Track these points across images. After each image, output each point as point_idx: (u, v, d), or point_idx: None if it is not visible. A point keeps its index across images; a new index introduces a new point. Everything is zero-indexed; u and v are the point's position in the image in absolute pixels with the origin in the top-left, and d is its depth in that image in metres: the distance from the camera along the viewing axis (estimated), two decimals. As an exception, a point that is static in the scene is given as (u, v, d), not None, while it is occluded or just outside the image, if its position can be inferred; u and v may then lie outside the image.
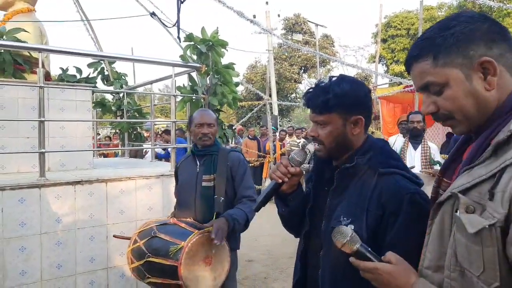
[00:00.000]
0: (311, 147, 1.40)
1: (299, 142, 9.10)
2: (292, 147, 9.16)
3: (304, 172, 1.45)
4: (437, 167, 4.09)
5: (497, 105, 0.90)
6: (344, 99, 1.30)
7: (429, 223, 0.99)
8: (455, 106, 0.93)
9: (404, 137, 4.66)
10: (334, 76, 1.38)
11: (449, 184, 0.96)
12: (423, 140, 4.25)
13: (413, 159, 4.06)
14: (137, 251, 2.23)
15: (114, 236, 2.79)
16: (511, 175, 0.78)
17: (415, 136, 4.27)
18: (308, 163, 1.44)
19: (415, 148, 4.22)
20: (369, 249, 1.09)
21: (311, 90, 1.39)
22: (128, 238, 2.42)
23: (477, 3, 7.08)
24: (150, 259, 2.13)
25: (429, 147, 4.21)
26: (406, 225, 1.18)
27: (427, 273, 0.97)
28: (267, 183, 7.24)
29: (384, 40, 24.45)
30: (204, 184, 2.47)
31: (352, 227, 1.20)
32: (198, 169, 2.53)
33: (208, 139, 2.52)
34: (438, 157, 4.23)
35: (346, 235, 1.08)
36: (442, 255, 0.92)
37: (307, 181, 1.57)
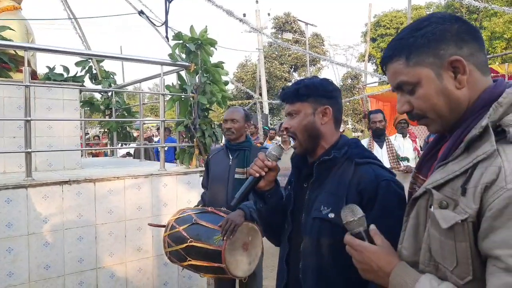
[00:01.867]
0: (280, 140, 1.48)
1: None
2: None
3: (279, 168, 1.51)
4: (405, 163, 4.27)
5: (469, 104, 0.92)
6: (313, 89, 1.43)
7: (404, 220, 1.00)
8: (427, 105, 0.94)
9: (404, 137, 4.77)
10: (308, 77, 1.54)
11: (424, 181, 0.98)
12: (386, 138, 4.41)
13: (381, 157, 4.13)
14: (177, 236, 2.44)
15: (149, 224, 2.99)
16: (483, 171, 0.80)
17: (378, 135, 4.40)
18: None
19: (380, 147, 4.36)
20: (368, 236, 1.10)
21: (286, 86, 1.53)
22: (163, 226, 2.64)
23: (464, 3, 7.16)
24: (193, 243, 2.34)
25: (393, 144, 4.38)
26: (383, 210, 1.23)
27: None
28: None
29: (373, 39, 24.64)
30: (236, 176, 2.64)
31: (332, 215, 1.28)
32: (230, 162, 2.71)
33: (230, 133, 2.73)
34: (401, 153, 4.39)
35: (355, 215, 1.09)
36: (417, 250, 0.94)
37: (286, 185, 1.62)
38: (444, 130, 0.99)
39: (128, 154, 9.03)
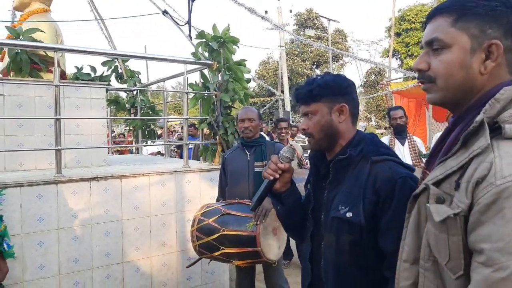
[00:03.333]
0: (295, 144, 1.49)
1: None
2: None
3: (293, 169, 1.53)
4: None
5: (481, 93, 0.91)
6: (327, 88, 1.42)
7: (406, 217, 1.01)
8: (445, 71, 0.92)
9: None
10: (320, 74, 1.51)
11: None
12: (408, 135, 4.29)
13: (403, 155, 4.04)
14: (207, 228, 2.57)
15: (187, 267, 3.12)
16: (476, 166, 0.80)
17: (400, 132, 4.27)
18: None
19: (402, 144, 4.24)
20: None
21: (299, 87, 1.51)
22: (199, 260, 2.85)
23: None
24: (225, 232, 2.47)
25: (415, 141, 4.25)
26: (399, 208, 1.21)
27: (405, 267, 0.99)
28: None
29: (398, 34, 24.11)
30: (256, 169, 2.83)
31: (350, 214, 1.32)
32: (249, 158, 2.91)
33: (249, 131, 2.92)
34: (424, 150, 4.27)
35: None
36: (419, 247, 0.95)
37: (305, 184, 1.63)
38: (439, 101, 0.98)
39: (159, 153, 8.84)
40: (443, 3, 0.96)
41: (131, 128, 6.06)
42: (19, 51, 3.74)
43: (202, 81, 3.97)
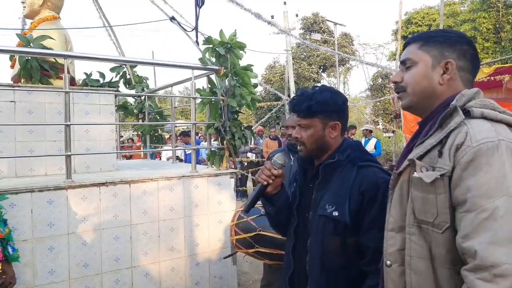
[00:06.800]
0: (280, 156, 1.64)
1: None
2: None
3: (285, 174, 1.66)
4: None
5: (442, 100, 1.17)
6: (325, 106, 1.53)
7: (389, 193, 1.22)
8: (412, 81, 1.20)
9: None
10: (317, 86, 1.64)
11: None
12: None
13: None
14: (245, 225, 2.67)
15: (225, 257, 3.44)
16: (454, 137, 1.04)
17: None
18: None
19: None
20: None
21: (296, 97, 1.62)
22: (234, 253, 3.07)
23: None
24: (261, 232, 2.57)
25: None
26: (381, 209, 1.34)
27: (391, 235, 1.17)
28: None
29: (404, 37, 23.96)
30: None
31: (336, 213, 1.46)
32: (292, 162, 2.92)
33: (292, 139, 2.98)
34: None
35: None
36: (403, 216, 1.14)
37: (291, 182, 1.77)
38: (410, 107, 1.24)
39: (178, 158, 8.61)
40: (416, 35, 1.27)
41: (139, 133, 6.10)
42: (29, 58, 3.80)
43: (209, 86, 3.99)
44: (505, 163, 0.96)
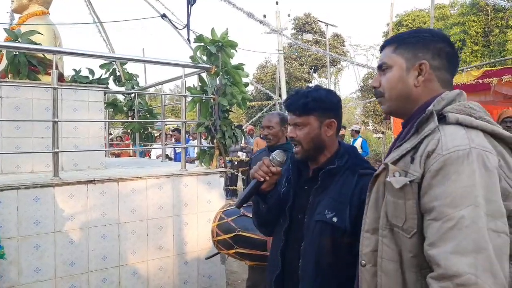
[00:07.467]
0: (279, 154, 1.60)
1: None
2: None
3: (282, 172, 1.63)
4: None
5: (420, 103, 1.15)
6: (320, 103, 1.53)
7: (367, 195, 1.21)
8: (388, 85, 1.20)
9: None
10: (311, 86, 1.63)
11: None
12: None
13: None
14: (225, 226, 2.65)
15: (206, 258, 3.40)
16: (427, 144, 1.03)
17: None
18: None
19: None
20: None
21: (291, 96, 1.60)
22: (217, 254, 2.97)
23: (489, 2, 7.00)
24: (240, 233, 2.56)
25: None
26: None
27: (367, 236, 1.18)
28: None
29: (395, 39, 24.10)
30: None
31: (336, 219, 1.45)
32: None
33: (268, 140, 3.01)
34: None
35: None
36: (377, 219, 1.14)
37: (284, 182, 1.72)
38: (390, 112, 1.24)
39: (167, 156, 8.34)
40: (390, 37, 1.26)
41: (129, 131, 6.05)
42: (17, 53, 3.73)
43: (200, 84, 3.98)
44: (475, 172, 0.94)
